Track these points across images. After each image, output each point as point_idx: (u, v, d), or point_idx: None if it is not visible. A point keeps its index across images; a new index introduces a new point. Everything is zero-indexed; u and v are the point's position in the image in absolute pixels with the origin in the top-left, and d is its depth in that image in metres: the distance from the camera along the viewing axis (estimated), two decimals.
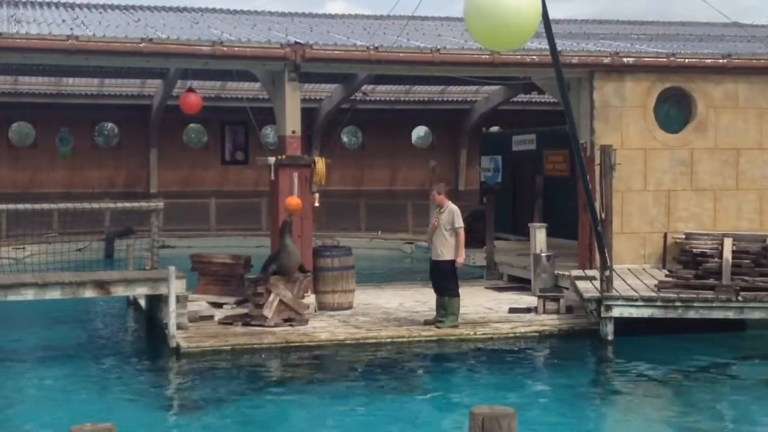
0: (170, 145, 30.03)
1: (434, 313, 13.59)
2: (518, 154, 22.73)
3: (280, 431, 9.61)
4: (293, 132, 15.09)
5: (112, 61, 16.17)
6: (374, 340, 12.82)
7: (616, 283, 13.67)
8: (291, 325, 13.29)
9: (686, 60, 16.49)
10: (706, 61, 16.58)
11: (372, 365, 11.87)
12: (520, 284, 16.97)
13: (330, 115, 28.44)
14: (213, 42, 14.85)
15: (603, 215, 13.43)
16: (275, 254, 14.00)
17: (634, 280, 14.49)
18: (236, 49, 14.89)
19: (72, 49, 14.16)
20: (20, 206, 14.36)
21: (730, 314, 13.13)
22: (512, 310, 14.58)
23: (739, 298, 13.01)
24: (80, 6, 22.27)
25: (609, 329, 12.99)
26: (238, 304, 14.61)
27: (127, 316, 15.89)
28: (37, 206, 14.53)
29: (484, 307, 14.98)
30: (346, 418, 9.74)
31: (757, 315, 13.17)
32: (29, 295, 12.72)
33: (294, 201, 14.46)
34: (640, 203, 16.23)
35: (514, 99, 28.81)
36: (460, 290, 13.51)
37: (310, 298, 14.46)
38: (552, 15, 11.96)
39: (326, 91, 28.65)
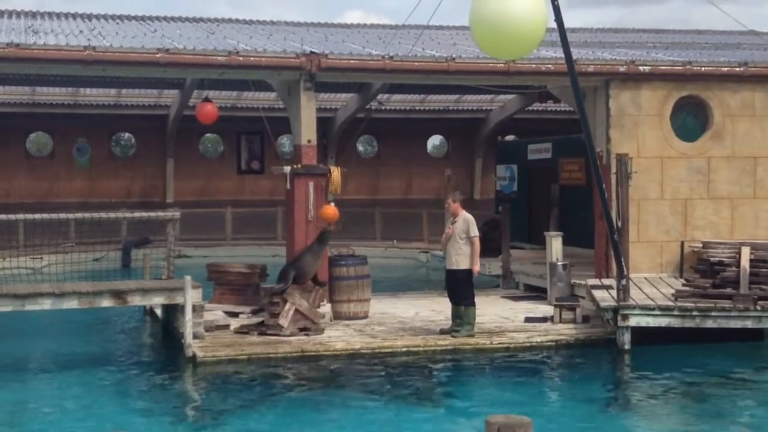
0: (186, 155, 30.11)
1: (450, 322, 13.57)
2: (534, 163, 22.72)
3: None
4: (309, 141, 15.14)
5: (129, 71, 16.28)
6: (390, 350, 12.80)
7: (633, 292, 13.61)
8: (307, 335, 13.29)
9: (703, 68, 16.44)
10: (723, 69, 16.53)
11: (387, 375, 11.84)
12: (536, 293, 16.92)
13: (345, 124, 28.46)
14: (229, 52, 14.93)
15: (619, 224, 13.39)
16: (297, 257, 13.93)
17: (651, 289, 14.43)
18: (252, 58, 14.96)
19: (89, 60, 14.26)
20: (38, 216, 14.45)
21: (749, 323, 13.04)
22: (528, 320, 14.54)
23: (757, 307, 12.93)
24: (97, 17, 22.42)
25: (626, 338, 12.93)
26: (254, 313, 14.63)
27: (143, 326, 15.94)
28: (55, 216, 14.63)
29: (500, 316, 14.95)
30: (362, 428, 9.72)
31: None
32: (47, 304, 12.78)
33: (330, 210, 14.35)
34: (657, 212, 16.17)
35: (530, 108, 28.75)
36: (476, 299, 13.49)
37: (326, 308, 14.47)
38: (567, 23, 11.95)
39: (341, 100, 28.68)
